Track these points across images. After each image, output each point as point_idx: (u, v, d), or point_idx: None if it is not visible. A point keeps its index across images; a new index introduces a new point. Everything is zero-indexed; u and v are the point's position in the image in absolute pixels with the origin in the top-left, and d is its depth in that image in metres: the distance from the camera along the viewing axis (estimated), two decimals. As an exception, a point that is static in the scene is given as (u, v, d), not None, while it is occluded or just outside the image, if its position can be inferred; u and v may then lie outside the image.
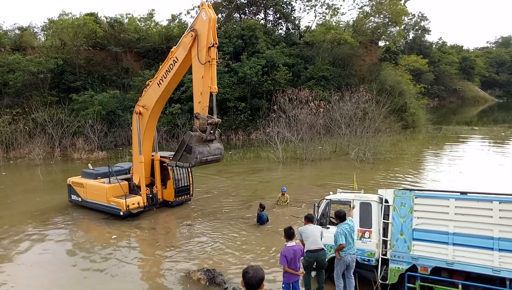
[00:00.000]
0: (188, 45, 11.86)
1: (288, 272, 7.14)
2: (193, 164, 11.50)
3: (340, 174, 19.86)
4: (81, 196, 14.86)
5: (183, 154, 11.64)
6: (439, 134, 37.15)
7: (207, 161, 11.76)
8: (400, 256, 7.68)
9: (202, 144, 11.53)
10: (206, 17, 11.53)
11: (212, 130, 11.70)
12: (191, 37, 11.73)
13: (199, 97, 11.60)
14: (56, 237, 12.20)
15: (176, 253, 10.78)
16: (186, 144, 11.52)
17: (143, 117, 13.83)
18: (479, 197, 7.33)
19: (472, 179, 18.59)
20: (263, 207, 12.82)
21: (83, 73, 35.78)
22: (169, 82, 12.93)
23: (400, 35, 53.84)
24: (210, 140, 11.74)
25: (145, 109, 13.70)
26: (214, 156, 11.82)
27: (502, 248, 6.80)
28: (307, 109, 26.67)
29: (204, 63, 11.39)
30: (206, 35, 11.41)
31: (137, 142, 14.06)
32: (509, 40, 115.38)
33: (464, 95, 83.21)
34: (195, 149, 11.27)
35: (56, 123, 28.93)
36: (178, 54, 12.41)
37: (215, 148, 11.89)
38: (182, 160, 11.72)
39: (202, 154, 11.41)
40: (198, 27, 11.69)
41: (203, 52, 11.46)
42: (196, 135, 11.45)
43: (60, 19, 38.30)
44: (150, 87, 13.57)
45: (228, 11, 43.57)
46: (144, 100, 13.75)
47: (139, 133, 13.89)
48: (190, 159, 11.48)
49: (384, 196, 8.17)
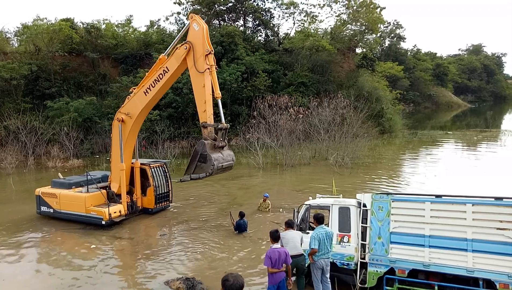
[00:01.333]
0: (181, 56, 11.82)
1: (271, 272, 7.16)
2: (211, 173, 10.96)
3: (320, 179, 20.04)
4: (54, 207, 14.22)
5: (197, 165, 11.06)
6: (414, 138, 38.09)
7: (223, 168, 11.34)
8: (378, 259, 7.79)
9: (215, 151, 11.15)
10: (199, 27, 11.57)
11: (223, 136, 11.43)
12: (185, 49, 11.67)
13: (203, 106, 11.37)
14: (30, 249, 11.76)
15: (155, 262, 10.59)
16: (199, 153, 11.03)
17: (126, 125, 13.53)
18: (454, 200, 7.53)
19: (447, 182, 19.12)
20: (242, 215, 12.68)
21: (58, 79, 34.96)
22: (158, 91, 12.76)
23: (376, 43, 55.15)
24: (222, 146, 11.42)
25: (128, 117, 13.40)
26: (228, 162, 11.46)
27: (475, 249, 7.00)
28: (286, 115, 26.88)
29: (203, 71, 11.32)
30: (202, 44, 11.43)
31: (118, 149, 13.73)
32: (479, 48, 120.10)
33: (438, 100, 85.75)
34: (211, 157, 10.81)
35: (30, 130, 28.06)
36: (169, 64, 12.29)
37: (227, 154, 11.53)
38: (197, 171, 11.12)
39: (218, 161, 10.95)
40: (191, 39, 11.69)
41: (201, 60, 11.42)
42: (209, 143, 11.05)
43: (35, 24, 37.38)
44: (135, 95, 13.28)
45: (207, 18, 43.51)
46: (128, 108, 13.45)
47: (121, 141, 13.58)
48: (206, 168, 10.95)
49: (362, 200, 8.29)
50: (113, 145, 14.21)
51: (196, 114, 34.29)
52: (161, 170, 15.23)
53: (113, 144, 14.20)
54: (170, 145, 27.35)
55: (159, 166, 15.21)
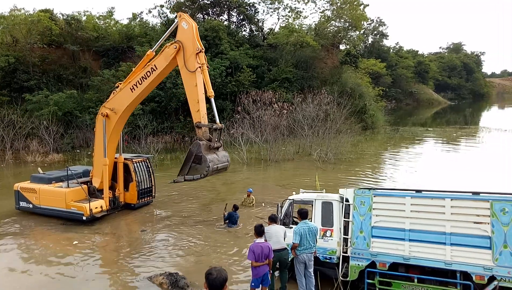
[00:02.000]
0: (170, 56, 11.63)
1: (255, 265, 7.22)
2: (205, 174, 10.74)
3: (303, 174, 20.19)
4: (33, 202, 13.91)
5: (192, 166, 10.81)
6: (396, 134, 38.75)
7: (217, 170, 11.13)
8: (360, 253, 7.91)
9: (210, 152, 10.90)
10: (188, 26, 11.39)
11: (218, 136, 11.24)
12: (175, 49, 11.47)
13: (196, 105, 11.18)
14: (9, 246, 11.44)
15: (138, 257, 10.50)
16: (194, 154, 10.76)
17: (110, 120, 13.27)
18: (433, 195, 7.70)
19: (427, 177, 19.54)
20: (236, 208, 12.78)
21: (37, 72, 34.07)
22: (144, 89, 12.56)
23: (359, 39, 55.71)
24: (217, 147, 11.22)
25: (113, 112, 13.14)
26: (223, 164, 11.24)
27: (453, 243, 7.19)
28: (270, 110, 26.91)
29: (194, 70, 11.15)
30: (192, 43, 11.27)
31: (101, 144, 13.48)
32: (459, 46, 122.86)
33: (419, 97, 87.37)
34: (206, 158, 10.58)
35: (8, 124, 27.30)
36: (157, 63, 12.08)
37: (222, 155, 11.29)
38: (192, 172, 10.87)
39: (213, 162, 10.72)
40: (180, 38, 11.50)
41: (192, 59, 11.24)
42: (204, 143, 10.81)
43: (12, 14, 36.23)
44: (121, 90, 13.02)
45: (191, 12, 43.06)
46: (113, 103, 13.19)
47: (104, 136, 13.34)
48: (201, 169, 10.71)
49: (345, 195, 8.40)
50: (96, 140, 13.96)
51: (179, 109, 34.32)
52: (143, 165, 15.07)
53: (96, 139, 13.95)
54: (153, 140, 27.09)
55: (141, 161, 15.05)
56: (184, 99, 32.96)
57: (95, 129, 13.95)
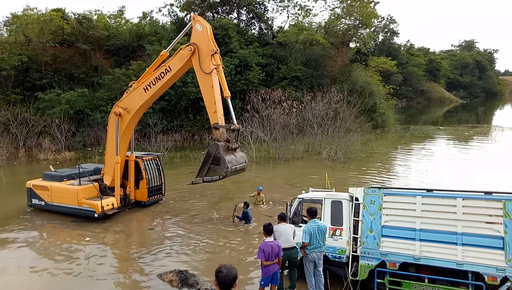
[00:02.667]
0: (185, 58, 11.64)
1: (266, 265, 7.23)
2: (224, 175, 10.63)
3: (312, 173, 20.12)
4: (45, 199, 14.11)
5: (210, 167, 10.72)
6: (407, 133, 38.36)
7: (236, 170, 10.98)
8: (369, 252, 7.87)
9: (228, 154, 10.81)
10: (202, 28, 11.37)
11: (235, 137, 11.17)
12: (190, 51, 11.46)
13: (213, 106, 11.11)
14: (21, 243, 11.65)
15: (148, 254, 10.59)
16: (212, 155, 10.66)
17: (123, 119, 13.37)
18: (444, 194, 7.62)
19: (438, 176, 19.31)
20: (247, 205, 12.95)
21: (49, 70, 34.54)
22: (158, 89, 12.62)
23: (370, 37, 55.25)
24: (235, 148, 11.13)
25: (126, 111, 13.23)
26: (241, 164, 11.16)
27: (465, 243, 7.11)
28: (280, 109, 26.88)
29: (210, 72, 11.10)
30: (207, 45, 11.24)
31: (114, 142, 13.60)
32: (472, 43, 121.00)
33: (431, 96, 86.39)
34: (224, 159, 10.50)
35: (21, 122, 27.74)
36: (172, 64, 12.10)
37: (240, 156, 11.19)
38: (210, 174, 10.78)
39: (231, 163, 10.63)
40: (195, 40, 11.48)
41: (207, 61, 11.20)
42: (222, 145, 10.71)
43: (25, 14, 36.83)
44: (135, 90, 13.09)
45: (200, 10, 43.18)
46: (127, 103, 13.28)
47: (117, 134, 13.44)
48: (219, 170, 10.61)
49: (355, 194, 8.35)
50: (108, 138, 14.07)
51: (188, 107, 34.45)
52: (154, 163, 15.18)
53: (108, 137, 14.06)
54: (163, 138, 27.26)
55: (151, 159, 15.16)
56: (193, 97, 33.21)
57: (108, 128, 14.06)
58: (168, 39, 35.84)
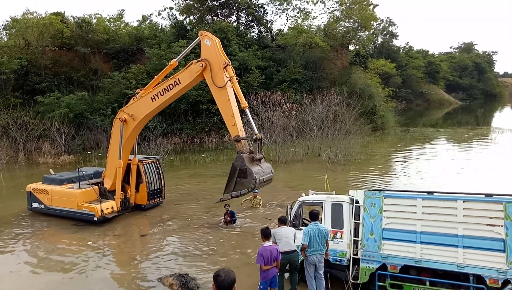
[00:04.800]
0: (195, 73, 11.57)
1: (265, 269, 7.18)
2: (253, 187, 10.29)
3: (312, 176, 20.10)
4: (45, 203, 14.08)
5: (237, 180, 10.40)
6: (406, 136, 38.37)
7: (264, 181, 10.75)
8: (370, 255, 7.84)
9: (253, 165, 10.50)
10: (211, 42, 11.33)
11: (258, 147, 10.93)
12: (201, 67, 11.39)
13: (231, 119, 10.93)
14: (21, 247, 11.60)
15: (147, 258, 10.56)
16: (238, 169, 10.36)
17: (128, 126, 13.32)
18: (445, 197, 7.60)
19: (438, 179, 19.29)
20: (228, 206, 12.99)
21: (49, 74, 34.59)
22: (166, 100, 12.58)
23: (369, 40, 55.38)
24: (259, 158, 10.85)
25: (131, 118, 13.18)
26: (268, 175, 10.87)
27: (466, 245, 7.08)
28: (279, 111, 26.90)
29: (223, 85, 10.99)
30: (218, 59, 11.18)
31: (117, 147, 13.54)
32: (471, 45, 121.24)
33: (430, 98, 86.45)
34: (251, 171, 10.18)
35: (20, 126, 27.73)
36: (182, 77, 12.03)
37: (266, 166, 10.86)
38: (238, 188, 10.45)
39: (258, 174, 10.30)
40: (205, 55, 11.40)
41: (220, 75, 11.10)
42: (247, 156, 10.46)
43: (24, 18, 36.93)
44: (141, 98, 13.01)
45: (200, 13, 43.34)
46: (133, 110, 13.20)
47: (121, 140, 13.39)
48: (247, 183, 10.26)
49: (355, 197, 8.32)
50: (111, 142, 13.99)
51: (188, 110, 34.48)
52: (153, 166, 15.16)
53: (112, 141, 13.98)
54: (162, 141, 27.25)
55: (151, 162, 15.14)
56: (193, 100, 33.27)
57: (112, 132, 13.96)
58: (168, 42, 35.93)
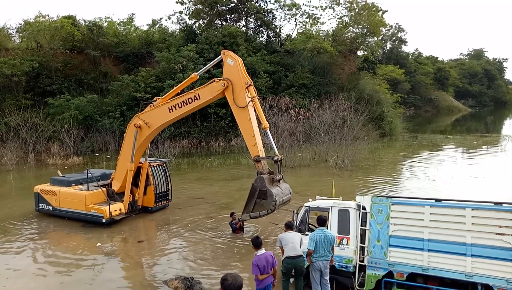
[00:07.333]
0: (217, 91, 11.65)
1: (261, 279, 7.03)
2: (273, 209, 10.36)
3: (319, 181, 20.03)
4: (53, 204, 14.15)
5: (257, 201, 10.49)
6: (415, 142, 38.08)
7: (283, 203, 10.74)
8: (377, 262, 7.78)
9: (273, 186, 10.58)
10: (234, 62, 11.41)
11: (278, 168, 10.95)
12: (223, 86, 11.46)
13: (252, 139, 11.05)
14: (28, 248, 11.68)
15: (153, 260, 10.59)
16: (258, 189, 10.44)
17: (142, 132, 13.41)
18: (453, 204, 7.53)
19: (447, 186, 19.09)
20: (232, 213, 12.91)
21: (59, 76, 35.03)
22: (183, 113, 12.69)
23: (378, 45, 55.19)
24: (279, 179, 10.97)
25: (147, 125, 13.29)
26: (287, 196, 10.91)
27: (474, 254, 7.00)
28: (287, 116, 26.92)
29: (245, 105, 11.07)
30: (241, 79, 11.28)
31: (130, 151, 13.60)
32: (480, 52, 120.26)
33: (439, 104, 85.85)
34: (271, 192, 10.26)
35: (31, 127, 28.11)
36: (202, 93, 12.09)
37: (285, 187, 10.99)
38: (257, 209, 10.53)
39: (278, 196, 10.37)
40: (228, 75, 11.50)
41: (241, 95, 11.18)
42: (267, 177, 10.54)
43: (37, 21, 37.48)
44: (159, 107, 13.10)
45: (209, 18, 43.61)
46: (149, 118, 13.29)
47: (134, 145, 13.47)
48: (267, 205, 10.34)
49: (362, 203, 8.29)
50: (124, 146, 14.07)
51: (196, 114, 34.58)
52: (161, 169, 15.24)
53: (124, 144, 14.06)
54: (170, 144, 27.40)
55: (159, 165, 15.23)
56: (201, 104, 33.37)
57: (125, 136, 14.01)
58: (177, 46, 36.20)
